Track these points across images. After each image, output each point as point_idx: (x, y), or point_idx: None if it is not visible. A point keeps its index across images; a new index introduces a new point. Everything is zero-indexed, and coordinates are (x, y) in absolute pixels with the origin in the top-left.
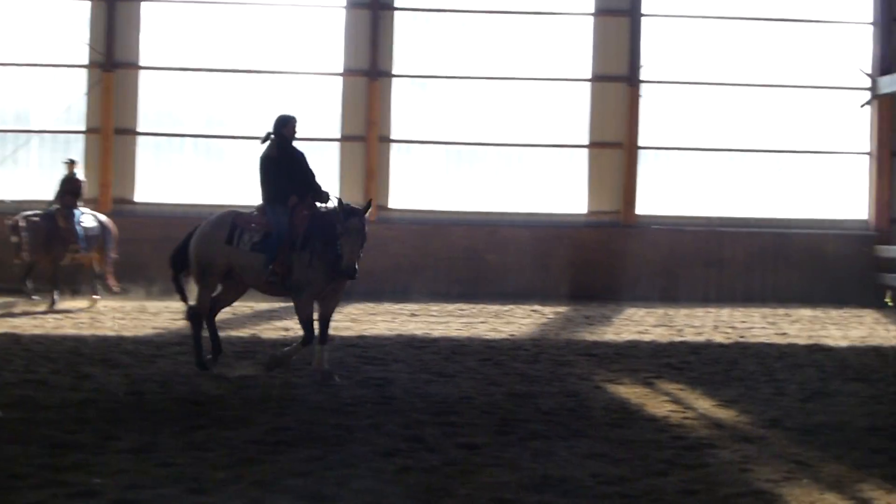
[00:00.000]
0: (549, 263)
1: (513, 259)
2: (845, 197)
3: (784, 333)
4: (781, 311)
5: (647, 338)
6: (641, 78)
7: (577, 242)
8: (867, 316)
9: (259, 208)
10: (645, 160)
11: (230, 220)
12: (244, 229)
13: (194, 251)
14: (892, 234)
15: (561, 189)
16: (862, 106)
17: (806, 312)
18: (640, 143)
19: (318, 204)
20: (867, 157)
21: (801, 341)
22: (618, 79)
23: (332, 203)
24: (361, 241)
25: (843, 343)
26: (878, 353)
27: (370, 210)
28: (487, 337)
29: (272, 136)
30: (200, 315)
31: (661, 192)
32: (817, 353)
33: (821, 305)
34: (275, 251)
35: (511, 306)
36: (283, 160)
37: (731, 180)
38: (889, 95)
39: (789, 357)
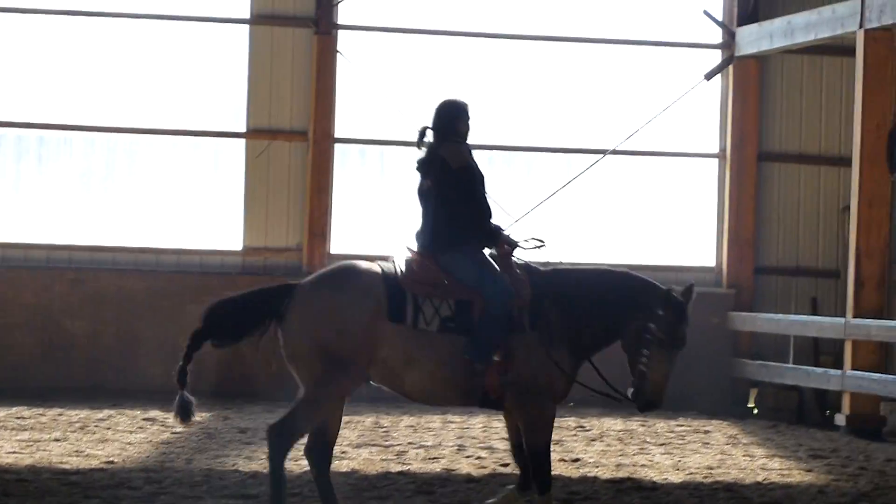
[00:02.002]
0: (177, 335)
1: (110, 327)
2: (681, 230)
3: (576, 459)
4: (571, 420)
5: (343, 465)
6: (338, 21)
7: None
8: (716, 430)
9: (424, 257)
10: (344, 161)
11: (383, 281)
12: (420, 295)
13: (313, 333)
14: (757, 291)
15: (197, 209)
16: (709, 77)
17: (613, 424)
18: (338, 132)
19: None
20: (717, 160)
21: (604, 473)
22: (297, 20)
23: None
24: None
25: (675, 477)
26: (735, 495)
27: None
28: (64, 465)
29: (440, 134)
30: (292, 438)
31: (370, 216)
32: (631, 494)
33: (638, 413)
34: (497, 333)
35: (109, 411)
36: (475, 175)
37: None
38: (755, 57)
39: (581, 501)
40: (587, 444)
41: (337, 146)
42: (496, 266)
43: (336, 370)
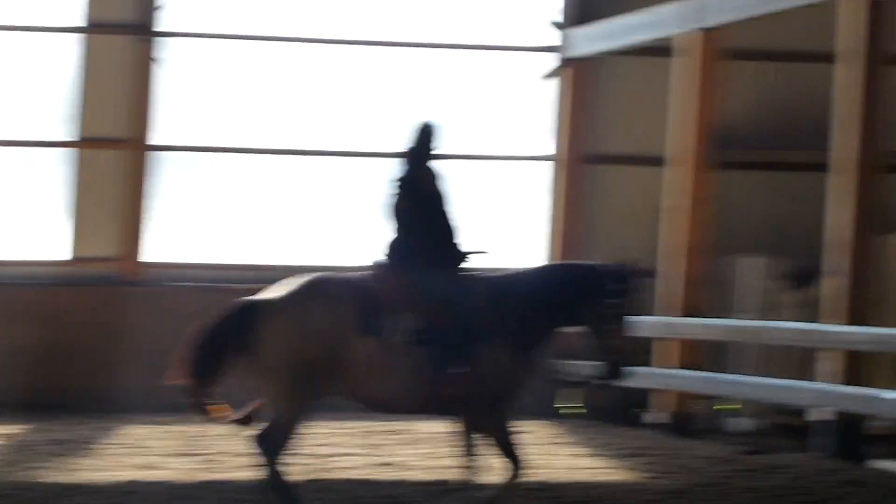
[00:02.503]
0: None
1: None
2: (515, 233)
3: (387, 464)
4: (383, 425)
5: (159, 474)
6: (161, 28)
7: (49, 312)
8: (532, 430)
9: (392, 270)
10: (166, 169)
11: (352, 293)
12: (385, 307)
13: (289, 344)
14: None
15: (23, 219)
16: (542, 79)
17: (426, 427)
18: (159, 139)
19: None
20: (550, 163)
21: (416, 476)
22: (123, 28)
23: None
24: None
25: (490, 478)
26: (550, 494)
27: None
28: None
29: (419, 152)
30: (279, 449)
31: (187, 224)
32: (443, 497)
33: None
34: (461, 345)
35: None
36: (442, 196)
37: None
38: (587, 59)
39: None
40: (400, 448)
41: (157, 154)
42: (461, 282)
43: (309, 382)
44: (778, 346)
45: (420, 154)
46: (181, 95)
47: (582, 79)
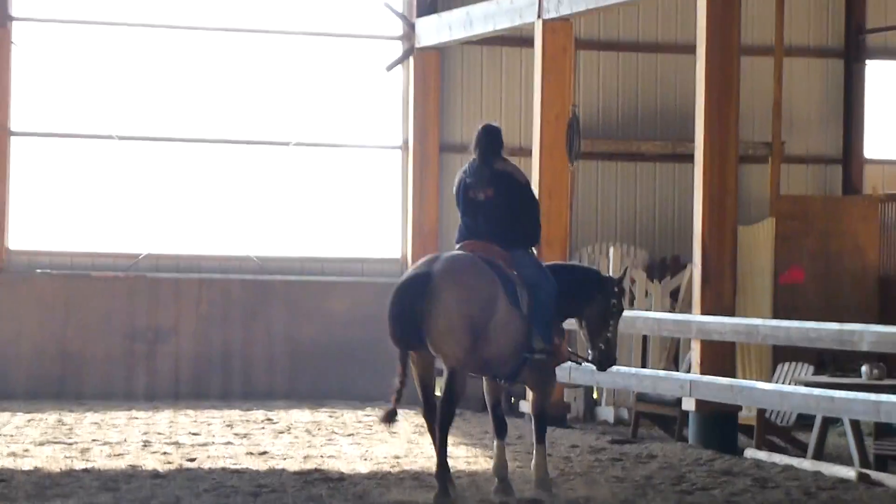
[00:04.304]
0: None
1: None
2: (365, 222)
3: (264, 452)
4: (259, 413)
5: (25, 464)
6: (13, 13)
7: None
8: (403, 419)
9: (491, 250)
10: (24, 155)
11: (491, 269)
12: (512, 282)
13: (466, 310)
14: None
15: None
16: (389, 68)
17: (301, 416)
18: (17, 125)
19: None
20: (399, 151)
21: (292, 465)
22: None
23: None
24: None
25: (363, 467)
26: (422, 483)
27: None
28: None
29: (490, 152)
30: (457, 403)
31: (53, 211)
32: (318, 486)
33: (330, 402)
34: (552, 318)
35: None
36: (532, 189)
37: (179, 189)
38: (435, 48)
39: (269, 493)
40: (275, 437)
41: (16, 139)
42: (541, 265)
43: (477, 340)
44: (649, 336)
45: (491, 151)
46: (41, 81)
47: (430, 68)
